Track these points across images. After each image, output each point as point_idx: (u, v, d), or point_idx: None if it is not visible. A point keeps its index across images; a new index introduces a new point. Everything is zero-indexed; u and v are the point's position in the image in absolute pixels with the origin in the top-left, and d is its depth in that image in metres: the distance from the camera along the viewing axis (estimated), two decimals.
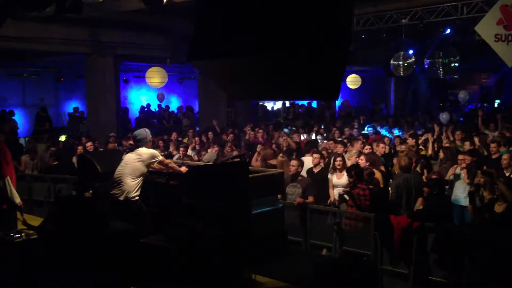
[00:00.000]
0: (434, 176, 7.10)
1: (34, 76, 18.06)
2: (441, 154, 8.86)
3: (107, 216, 5.14)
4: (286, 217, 7.15)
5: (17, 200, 6.61)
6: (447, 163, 8.66)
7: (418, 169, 8.19)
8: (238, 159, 6.03)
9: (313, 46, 2.84)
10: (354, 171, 7.20)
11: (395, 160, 8.59)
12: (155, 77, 15.66)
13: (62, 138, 15.41)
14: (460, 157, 7.91)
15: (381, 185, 7.83)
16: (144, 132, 6.50)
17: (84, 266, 4.61)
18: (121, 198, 6.16)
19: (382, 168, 8.54)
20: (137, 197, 6.23)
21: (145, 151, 6.31)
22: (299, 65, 3.02)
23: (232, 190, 5.50)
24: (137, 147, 6.40)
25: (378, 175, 7.88)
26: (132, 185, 6.17)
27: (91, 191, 6.63)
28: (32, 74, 17.97)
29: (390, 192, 7.66)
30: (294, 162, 7.87)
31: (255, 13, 3.01)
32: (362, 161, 8.06)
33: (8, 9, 6.98)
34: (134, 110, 21.10)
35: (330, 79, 3.14)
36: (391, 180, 8.02)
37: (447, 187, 7.79)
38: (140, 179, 6.24)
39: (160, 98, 20.48)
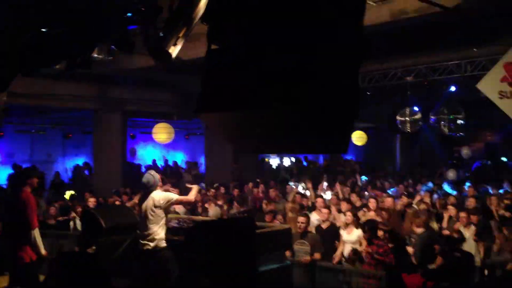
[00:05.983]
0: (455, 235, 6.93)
1: (42, 133, 18.21)
2: (452, 211, 8.68)
3: (109, 273, 4.99)
4: (294, 275, 6.95)
5: (43, 251, 6.53)
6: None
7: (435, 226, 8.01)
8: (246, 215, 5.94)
9: (321, 101, 2.82)
10: (368, 227, 7.01)
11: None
12: (162, 132, 15.80)
13: (68, 194, 15.25)
14: (462, 214, 7.77)
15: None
16: (152, 177, 6.51)
17: None
18: (150, 247, 6.20)
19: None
20: (165, 244, 6.26)
21: (158, 196, 6.34)
22: (306, 119, 2.99)
23: (238, 245, 5.37)
24: (151, 192, 6.39)
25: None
26: (159, 233, 6.25)
27: (94, 247, 6.51)
28: (40, 130, 18.11)
29: (412, 251, 7.34)
30: (301, 219, 7.71)
31: (263, 67, 3.01)
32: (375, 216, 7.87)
33: (18, 66, 7.07)
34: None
35: (338, 133, 3.10)
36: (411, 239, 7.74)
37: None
38: (162, 222, 6.32)
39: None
